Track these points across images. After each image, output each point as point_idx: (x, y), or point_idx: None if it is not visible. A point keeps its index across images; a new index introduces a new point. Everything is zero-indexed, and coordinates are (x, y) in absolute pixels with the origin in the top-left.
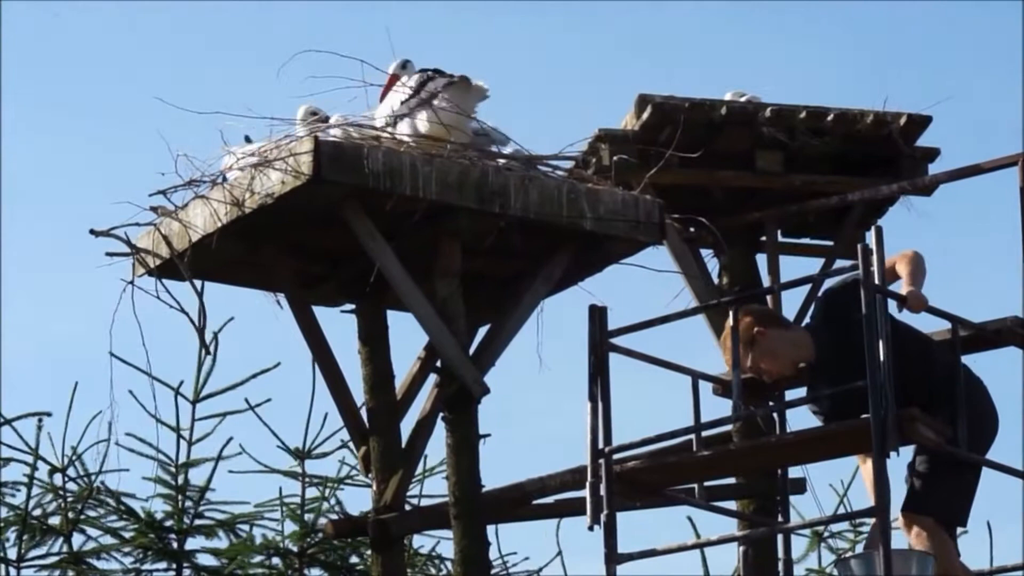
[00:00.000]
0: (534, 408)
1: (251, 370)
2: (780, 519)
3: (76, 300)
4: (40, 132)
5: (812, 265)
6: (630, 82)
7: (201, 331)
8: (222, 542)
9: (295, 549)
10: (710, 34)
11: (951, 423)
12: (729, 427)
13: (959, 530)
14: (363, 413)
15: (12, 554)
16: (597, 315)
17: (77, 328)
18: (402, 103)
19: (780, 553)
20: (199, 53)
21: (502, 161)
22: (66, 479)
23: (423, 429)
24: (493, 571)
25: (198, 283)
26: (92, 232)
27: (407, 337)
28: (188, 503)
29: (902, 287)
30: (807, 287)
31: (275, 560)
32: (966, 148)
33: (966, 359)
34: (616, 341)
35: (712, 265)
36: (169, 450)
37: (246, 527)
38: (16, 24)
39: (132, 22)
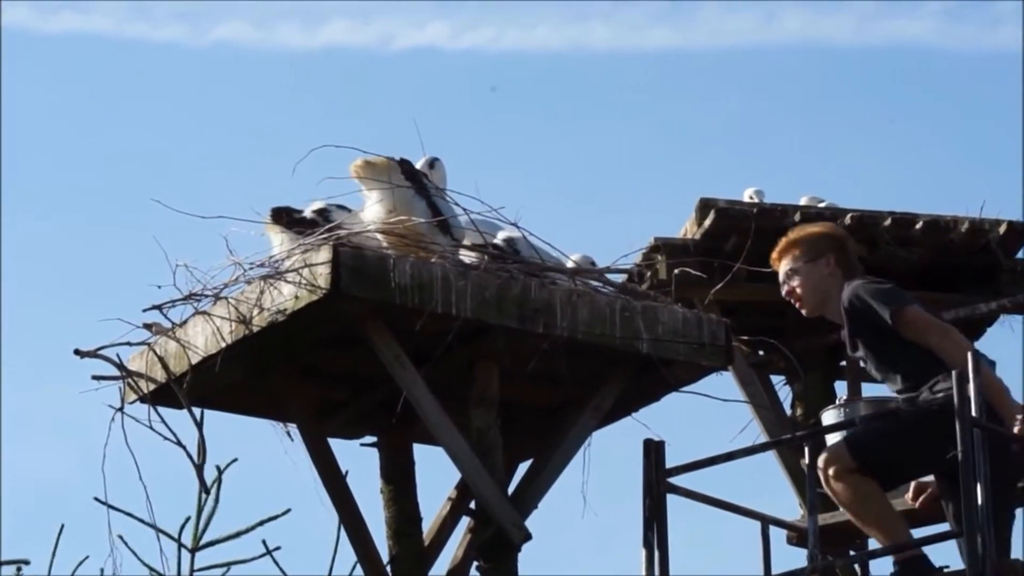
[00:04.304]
0: (580, 552)
1: (257, 509)
2: None
3: (57, 429)
4: (15, 235)
5: None
6: (689, 185)
7: (200, 468)
8: None
9: None
10: (779, 131)
11: None
12: None
13: None
14: (386, 561)
15: None
16: (653, 451)
17: (58, 461)
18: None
19: None
20: (201, 150)
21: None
22: None
23: None
24: None
25: (198, 411)
26: (77, 352)
27: (436, 474)
28: None
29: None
30: None
31: None
32: None
33: None
34: (675, 480)
35: (784, 393)
36: None
37: None
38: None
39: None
